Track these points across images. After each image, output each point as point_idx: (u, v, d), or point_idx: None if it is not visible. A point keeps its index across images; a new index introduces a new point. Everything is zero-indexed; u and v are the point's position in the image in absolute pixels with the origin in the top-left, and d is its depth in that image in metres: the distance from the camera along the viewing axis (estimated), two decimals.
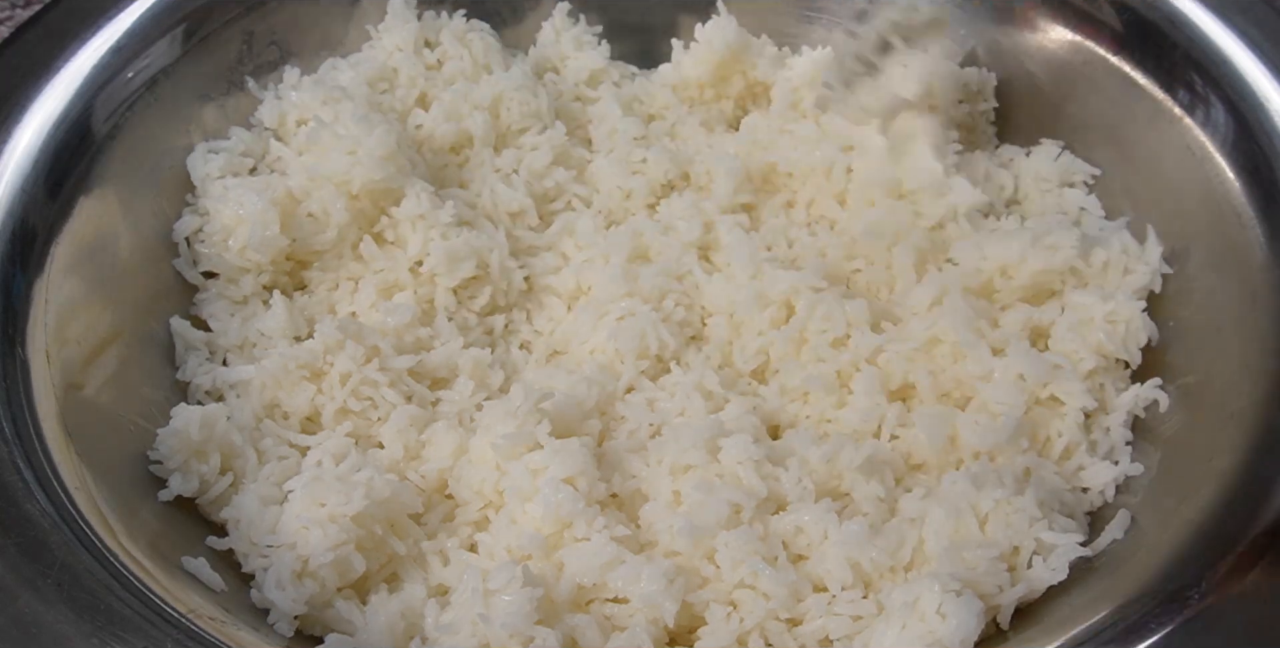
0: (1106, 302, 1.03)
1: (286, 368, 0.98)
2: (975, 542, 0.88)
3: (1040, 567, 0.88)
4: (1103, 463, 0.98)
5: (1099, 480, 0.97)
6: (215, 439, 0.94)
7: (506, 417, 0.94)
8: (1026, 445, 0.97)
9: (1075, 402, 0.99)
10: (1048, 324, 1.05)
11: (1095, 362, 1.01)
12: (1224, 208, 1.01)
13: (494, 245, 1.11)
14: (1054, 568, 0.88)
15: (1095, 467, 0.98)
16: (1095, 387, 1.01)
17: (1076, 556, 0.88)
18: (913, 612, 0.83)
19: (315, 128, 1.11)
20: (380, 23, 1.24)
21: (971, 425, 0.96)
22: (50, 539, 0.78)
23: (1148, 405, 1.01)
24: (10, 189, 0.96)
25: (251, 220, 1.04)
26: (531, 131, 1.21)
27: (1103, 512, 0.96)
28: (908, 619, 0.83)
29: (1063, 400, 1.00)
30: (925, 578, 0.84)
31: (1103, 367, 1.02)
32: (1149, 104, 1.09)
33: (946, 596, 0.82)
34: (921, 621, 0.82)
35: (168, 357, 1.03)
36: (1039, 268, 1.05)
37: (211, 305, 1.07)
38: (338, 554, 0.87)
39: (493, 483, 0.93)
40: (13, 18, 1.37)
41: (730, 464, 0.93)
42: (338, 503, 0.88)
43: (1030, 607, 0.88)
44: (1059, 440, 0.99)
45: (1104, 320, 1.03)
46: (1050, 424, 0.99)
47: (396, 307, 1.06)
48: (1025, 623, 0.87)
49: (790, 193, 1.20)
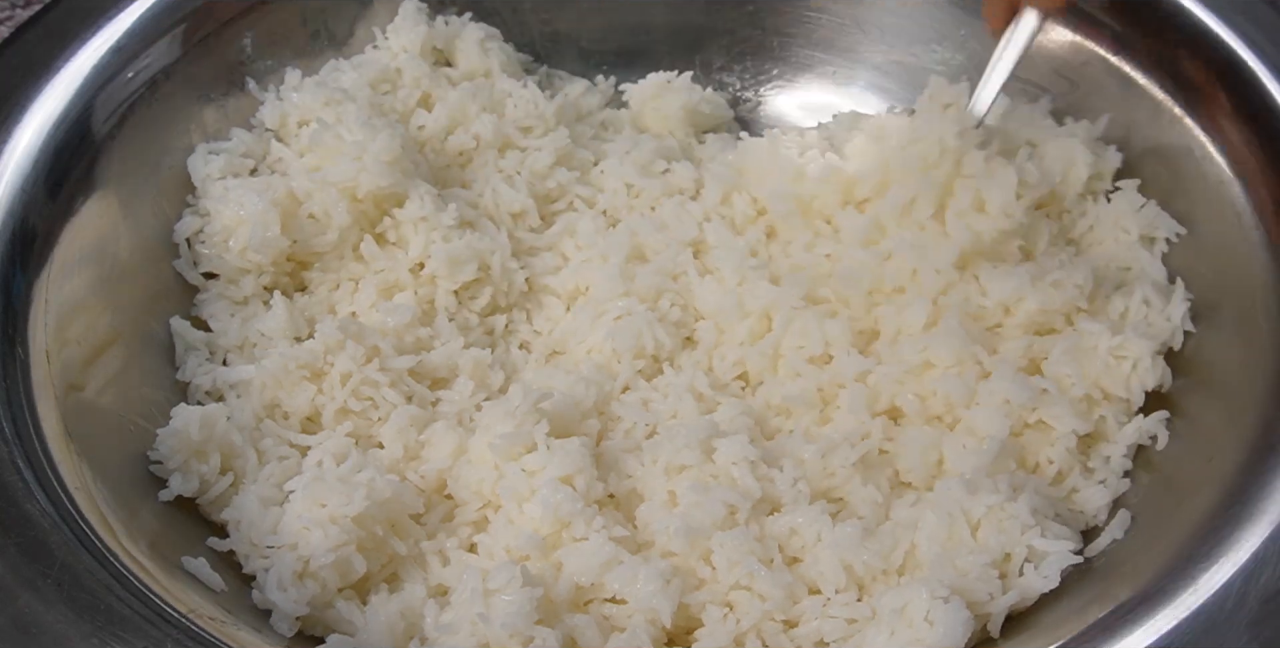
0: (1115, 336, 0.98)
1: (287, 368, 0.98)
2: (967, 548, 0.88)
3: (1032, 574, 0.87)
4: (1098, 487, 0.96)
5: (1094, 504, 0.95)
6: (215, 439, 0.94)
7: (505, 417, 0.94)
8: (1014, 468, 0.95)
9: (1064, 426, 0.96)
10: (1049, 350, 1.01)
11: (1087, 390, 0.98)
12: (1224, 208, 1.01)
13: (496, 247, 1.11)
14: (1045, 576, 0.87)
15: (1090, 490, 0.96)
16: (1092, 416, 0.98)
17: (1069, 563, 0.88)
18: (901, 618, 0.83)
19: (318, 130, 1.11)
20: (388, 25, 1.23)
21: (958, 449, 0.95)
22: (50, 539, 0.78)
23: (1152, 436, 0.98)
24: (10, 189, 0.96)
25: (252, 221, 1.04)
26: (534, 134, 1.21)
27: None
28: (896, 625, 0.83)
29: (1051, 425, 0.97)
30: (914, 584, 0.84)
31: (1101, 397, 0.99)
32: (1149, 104, 1.09)
33: (935, 603, 0.82)
34: (910, 627, 0.82)
35: (168, 357, 1.03)
36: (1037, 307, 1.01)
37: (212, 306, 1.07)
38: (339, 555, 0.87)
39: (491, 483, 0.93)
40: (13, 18, 1.37)
41: (725, 465, 0.93)
42: (339, 504, 0.88)
43: (1029, 607, 0.88)
44: (1050, 467, 0.96)
45: (1108, 354, 0.98)
46: (1041, 450, 0.97)
47: (397, 307, 1.06)
48: (1022, 623, 0.87)
49: None
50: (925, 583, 0.83)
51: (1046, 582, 0.87)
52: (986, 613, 0.86)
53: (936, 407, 0.99)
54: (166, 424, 0.94)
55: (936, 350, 1.00)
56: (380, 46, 1.24)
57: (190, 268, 1.07)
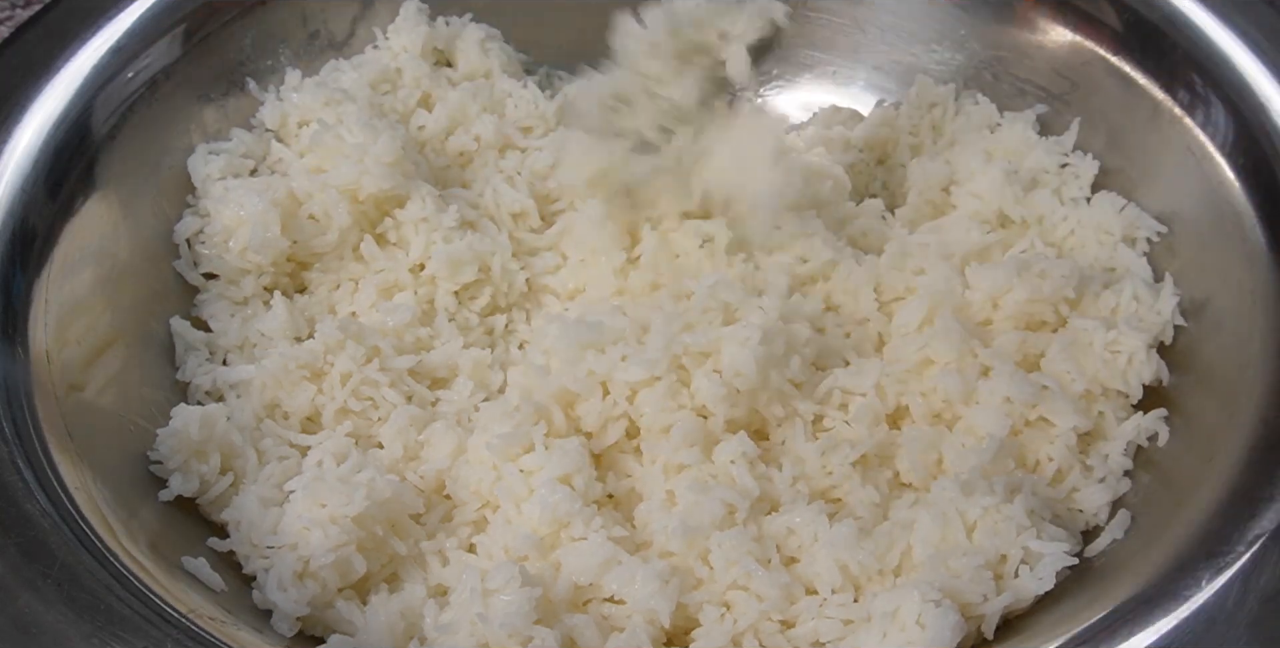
0: (1109, 330, 0.99)
1: (287, 368, 0.98)
2: (961, 549, 0.88)
3: (1027, 576, 0.87)
4: (1098, 485, 0.96)
5: (1093, 503, 0.95)
6: (215, 439, 0.94)
7: (503, 417, 0.94)
8: (1013, 467, 0.95)
9: (1065, 422, 0.96)
10: (1044, 347, 1.01)
11: (1087, 385, 0.98)
12: (1224, 208, 1.01)
13: (496, 248, 1.11)
14: (1040, 577, 0.87)
15: (1090, 489, 0.96)
16: (1092, 412, 0.98)
17: (1064, 565, 0.87)
18: (894, 621, 0.83)
19: (319, 131, 1.11)
20: (389, 25, 1.23)
21: (957, 448, 0.95)
22: (50, 539, 0.78)
23: (1150, 437, 0.98)
24: (10, 189, 0.96)
25: (252, 222, 1.04)
26: (534, 134, 1.21)
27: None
28: (889, 628, 0.83)
29: (1052, 422, 0.97)
30: (907, 587, 0.84)
31: (1100, 393, 0.99)
32: (1149, 104, 1.09)
33: (926, 606, 0.82)
34: (902, 630, 0.82)
35: (168, 357, 1.03)
36: (1025, 297, 1.01)
37: (212, 306, 1.07)
38: (339, 555, 0.87)
39: (489, 484, 0.93)
40: (13, 18, 1.37)
41: (724, 463, 0.93)
42: (339, 504, 0.88)
43: (1029, 607, 0.88)
44: (1049, 465, 0.96)
45: (1104, 349, 0.99)
46: (1040, 448, 0.97)
47: (396, 307, 1.06)
48: (1022, 623, 0.87)
49: None
50: (918, 586, 0.83)
51: (1041, 584, 0.87)
52: (980, 615, 0.85)
53: (937, 404, 0.99)
54: (166, 424, 0.94)
55: (936, 347, 1.00)
56: (381, 47, 1.24)
57: (190, 268, 1.07)
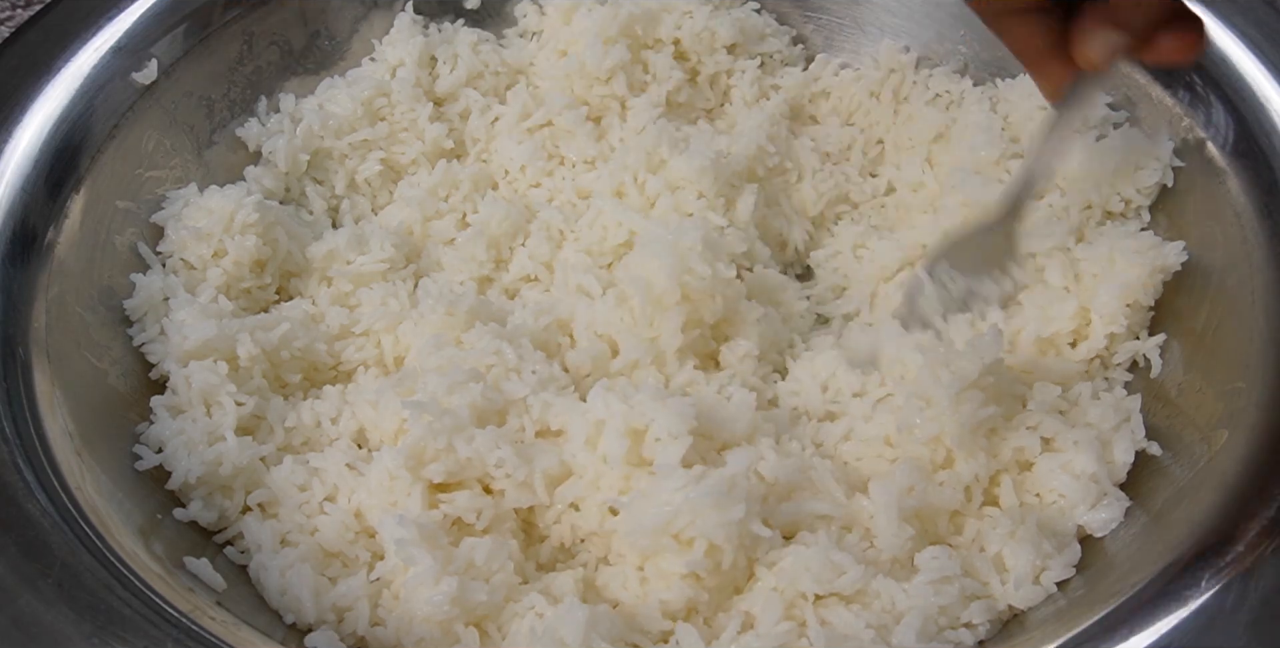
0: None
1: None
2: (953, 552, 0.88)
3: (1025, 586, 0.87)
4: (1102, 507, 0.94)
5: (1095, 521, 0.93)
6: (244, 477, 0.92)
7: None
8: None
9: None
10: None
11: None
12: (1224, 208, 1.01)
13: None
14: (1036, 587, 0.87)
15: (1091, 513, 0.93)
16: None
17: (1062, 577, 0.88)
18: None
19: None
20: (384, 36, 1.23)
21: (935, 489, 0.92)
22: (50, 539, 0.78)
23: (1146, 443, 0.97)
24: (10, 189, 0.96)
25: (244, 226, 1.04)
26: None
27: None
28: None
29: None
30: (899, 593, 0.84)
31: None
32: (1149, 104, 1.09)
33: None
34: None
35: None
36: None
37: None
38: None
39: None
40: (13, 18, 1.37)
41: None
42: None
43: (1028, 607, 0.88)
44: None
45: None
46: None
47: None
48: (1022, 623, 0.87)
49: None
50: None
51: (1038, 591, 0.87)
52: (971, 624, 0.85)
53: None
54: (165, 424, 0.93)
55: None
56: (377, 59, 1.23)
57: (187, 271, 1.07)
